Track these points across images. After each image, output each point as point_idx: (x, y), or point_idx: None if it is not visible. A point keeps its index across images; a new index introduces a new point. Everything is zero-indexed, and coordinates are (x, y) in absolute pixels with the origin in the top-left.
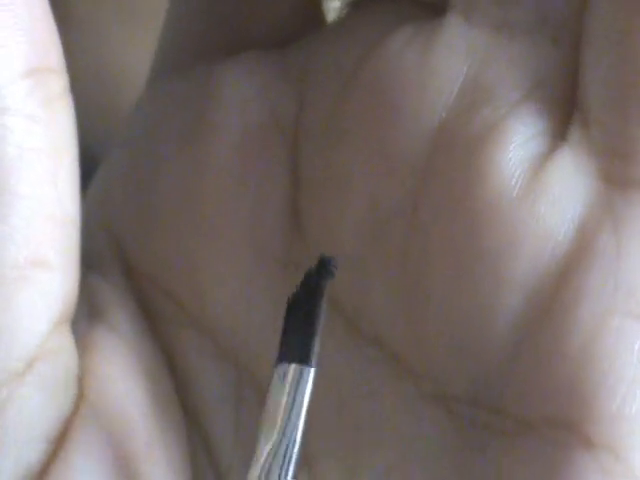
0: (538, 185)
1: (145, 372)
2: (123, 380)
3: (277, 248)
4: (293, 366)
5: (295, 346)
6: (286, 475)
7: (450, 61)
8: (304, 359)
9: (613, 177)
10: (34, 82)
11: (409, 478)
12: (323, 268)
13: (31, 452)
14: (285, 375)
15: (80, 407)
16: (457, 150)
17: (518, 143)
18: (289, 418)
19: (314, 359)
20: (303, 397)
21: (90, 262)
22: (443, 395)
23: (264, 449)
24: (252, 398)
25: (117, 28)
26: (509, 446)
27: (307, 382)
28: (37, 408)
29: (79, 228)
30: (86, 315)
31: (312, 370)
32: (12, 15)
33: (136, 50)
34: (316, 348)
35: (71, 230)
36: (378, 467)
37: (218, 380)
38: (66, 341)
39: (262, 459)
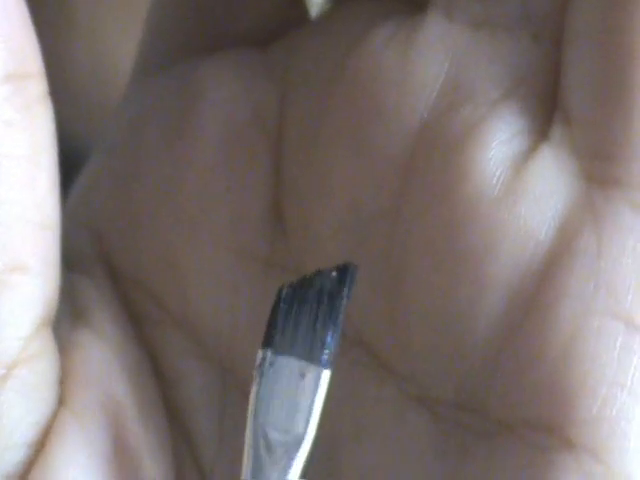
0: (519, 184)
1: (128, 374)
2: (105, 383)
3: (260, 248)
4: (318, 369)
5: (313, 346)
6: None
7: (430, 60)
8: (327, 363)
9: (594, 176)
10: (12, 88)
11: (391, 478)
12: (349, 276)
13: (11, 459)
14: (303, 374)
15: (60, 412)
16: (438, 149)
17: (499, 142)
18: (308, 422)
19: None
20: (320, 401)
21: (73, 262)
22: (426, 397)
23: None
24: (236, 399)
25: (116, 28)
26: (491, 448)
27: (324, 386)
28: (18, 414)
29: (59, 232)
30: (69, 316)
31: (329, 374)
32: None
33: (134, 50)
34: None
35: (51, 234)
36: (360, 468)
37: (202, 381)
38: (47, 345)
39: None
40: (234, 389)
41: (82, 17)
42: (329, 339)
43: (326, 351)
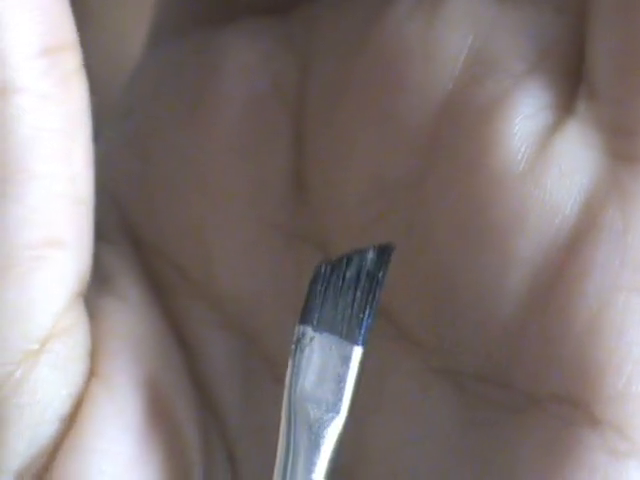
0: (544, 159)
1: (155, 343)
2: (134, 352)
3: (281, 218)
4: (356, 348)
5: (351, 325)
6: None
7: (454, 31)
8: (363, 342)
9: (620, 152)
10: (49, 61)
11: (417, 451)
12: (387, 257)
13: (44, 432)
14: (340, 352)
15: (92, 383)
16: (463, 122)
17: (524, 116)
18: (343, 397)
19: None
20: (354, 378)
21: (96, 231)
22: (451, 370)
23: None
24: (260, 368)
25: (129, 14)
26: (516, 422)
27: (359, 364)
28: (51, 388)
29: (93, 205)
30: (94, 283)
31: (363, 352)
32: None
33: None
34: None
35: (85, 209)
36: (385, 440)
37: (225, 350)
38: (79, 318)
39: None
40: (257, 358)
41: (95, 3)
42: (366, 318)
43: (363, 330)
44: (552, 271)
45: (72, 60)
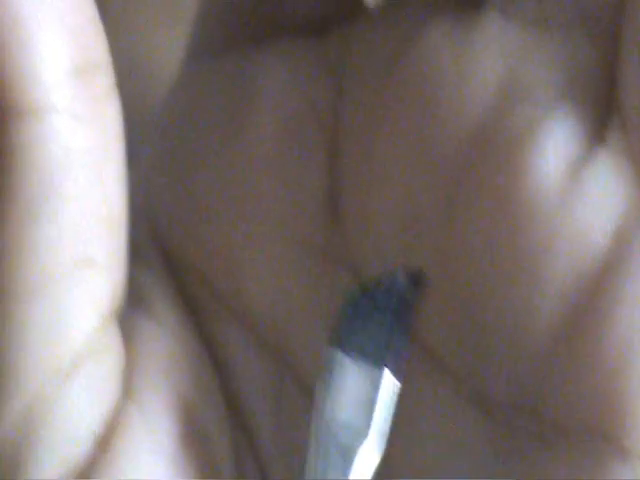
0: (576, 188)
1: (190, 364)
2: (166, 374)
3: (315, 240)
4: (386, 372)
5: (381, 349)
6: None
7: (487, 57)
8: (394, 367)
9: None
10: (81, 81)
11: (444, 478)
12: (418, 281)
13: (77, 451)
14: (370, 377)
15: (125, 405)
16: (495, 149)
17: (555, 145)
18: (371, 422)
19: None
20: (384, 403)
21: (130, 251)
22: (480, 398)
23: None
24: (293, 390)
25: (150, 17)
26: (546, 452)
27: (390, 389)
28: (84, 407)
29: (126, 225)
30: (129, 304)
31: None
32: (58, 13)
33: (174, 52)
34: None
35: (117, 228)
36: (413, 467)
37: (259, 372)
38: (113, 338)
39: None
40: (290, 379)
41: (115, 8)
42: (397, 343)
43: (393, 355)
44: (582, 300)
45: (104, 80)
